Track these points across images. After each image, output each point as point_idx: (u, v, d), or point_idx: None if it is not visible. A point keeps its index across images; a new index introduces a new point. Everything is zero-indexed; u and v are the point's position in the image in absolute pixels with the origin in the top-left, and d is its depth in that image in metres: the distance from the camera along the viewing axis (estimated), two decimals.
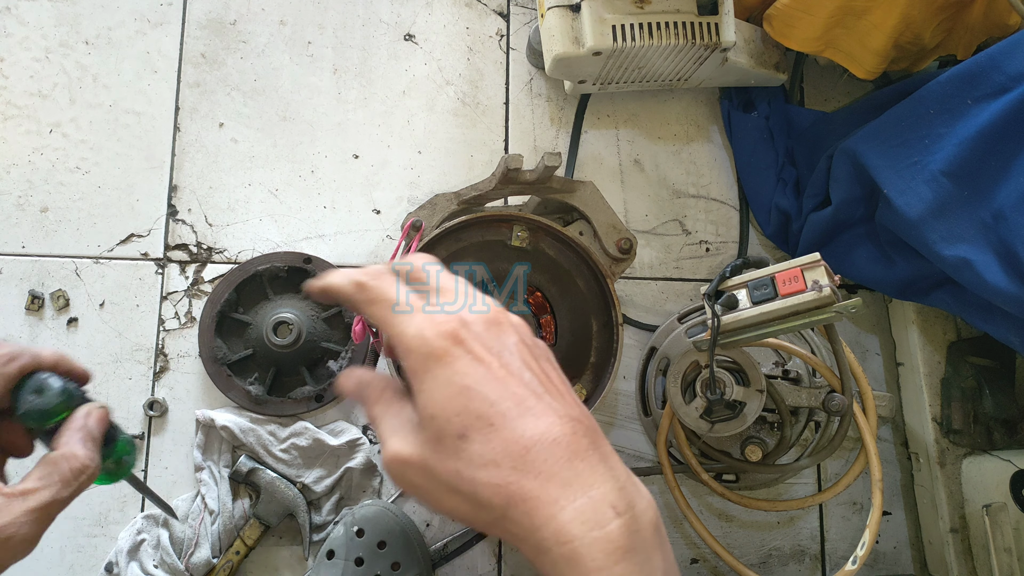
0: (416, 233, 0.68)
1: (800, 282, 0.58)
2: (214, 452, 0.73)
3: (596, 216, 0.70)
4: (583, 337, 0.71)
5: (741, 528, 0.80)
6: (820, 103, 0.89)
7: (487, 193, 0.69)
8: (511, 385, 0.32)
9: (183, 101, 0.81)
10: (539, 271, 0.72)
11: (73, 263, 0.76)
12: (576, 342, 0.72)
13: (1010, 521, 0.69)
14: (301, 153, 0.81)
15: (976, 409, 0.77)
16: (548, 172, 0.66)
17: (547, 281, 0.73)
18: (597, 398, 0.68)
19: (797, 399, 0.69)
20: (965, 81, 0.63)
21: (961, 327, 0.80)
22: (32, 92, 0.79)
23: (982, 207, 0.62)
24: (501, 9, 0.87)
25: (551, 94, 0.86)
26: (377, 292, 0.35)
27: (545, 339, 0.71)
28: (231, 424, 0.71)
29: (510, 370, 0.33)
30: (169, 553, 0.69)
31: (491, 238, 0.70)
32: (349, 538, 0.67)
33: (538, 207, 0.74)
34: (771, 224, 0.82)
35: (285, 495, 0.70)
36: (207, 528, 0.70)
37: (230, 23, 0.83)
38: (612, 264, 0.71)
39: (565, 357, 0.69)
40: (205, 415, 0.72)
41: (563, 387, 0.34)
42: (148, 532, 0.70)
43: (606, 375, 0.68)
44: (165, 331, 0.76)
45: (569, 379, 0.67)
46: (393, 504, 0.72)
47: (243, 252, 0.78)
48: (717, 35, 0.71)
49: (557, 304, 0.72)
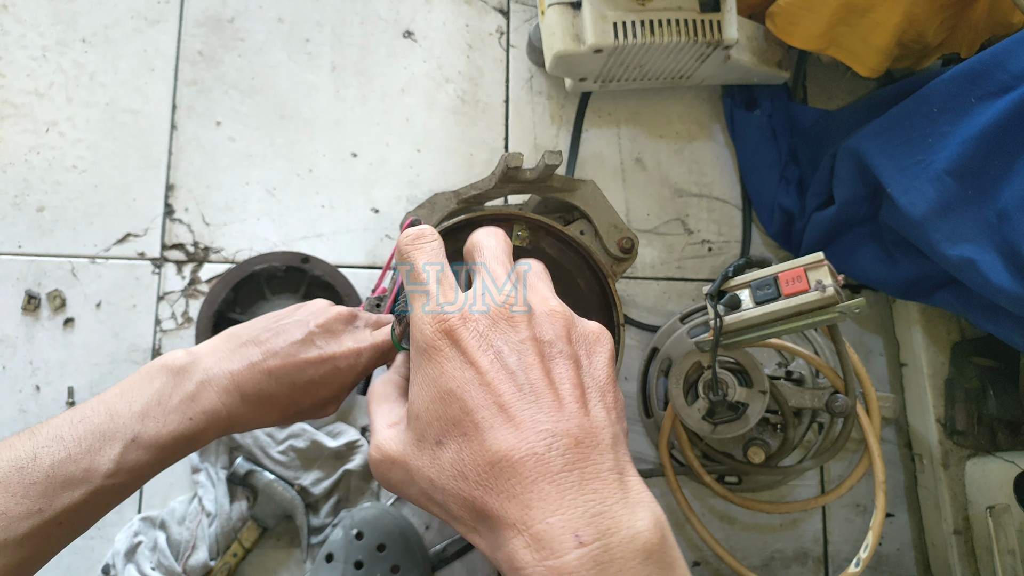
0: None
1: (803, 282, 0.57)
2: (211, 454, 0.72)
3: (597, 215, 0.70)
4: None
5: (743, 531, 0.79)
6: (823, 101, 0.89)
7: (487, 192, 0.68)
8: (498, 390, 0.30)
9: (180, 99, 0.80)
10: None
11: (70, 263, 0.76)
12: None
13: (1014, 523, 0.69)
14: (299, 152, 0.81)
15: (980, 410, 0.76)
16: (549, 171, 0.66)
17: None
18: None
19: (800, 400, 0.68)
20: (969, 79, 0.62)
21: (965, 327, 0.79)
22: (29, 90, 0.78)
23: (986, 206, 0.62)
24: (501, 6, 0.87)
25: (552, 92, 0.85)
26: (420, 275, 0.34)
27: None
28: None
29: (503, 373, 0.30)
30: (166, 555, 0.68)
31: None
32: (348, 541, 0.67)
33: (538, 206, 0.74)
34: (774, 223, 0.82)
35: (283, 497, 0.70)
36: (204, 530, 0.69)
37: (227, 21, 0.82)
38: (613, 264, 0.70)
39: None
40: None
41: (572, 392, 0.30)
42: (145, 534, 0.70)
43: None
44: (162, 331, 0.76)
45: None
46: (392, 507, 0.72)
47: (240, 252, 0.78)
48: (719, 33, 0.71)
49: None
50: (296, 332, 0.46)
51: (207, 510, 0.70)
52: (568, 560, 0.26)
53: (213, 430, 0.43)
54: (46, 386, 0.74)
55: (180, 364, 0.43)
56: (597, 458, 0.29)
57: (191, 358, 0.44)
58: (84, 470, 0.38)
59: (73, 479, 0.37)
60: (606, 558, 0.26)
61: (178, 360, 0.43)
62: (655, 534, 0.28)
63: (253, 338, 0.45)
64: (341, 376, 0.46)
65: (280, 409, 0.45)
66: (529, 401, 0.30)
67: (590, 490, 0.28)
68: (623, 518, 0.27)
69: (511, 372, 0.30)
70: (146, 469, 0.40)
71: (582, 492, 0.28)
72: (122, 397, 0.41)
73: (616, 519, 0.27)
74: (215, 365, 0.43)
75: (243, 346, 0.45)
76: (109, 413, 0.40)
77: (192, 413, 0.42)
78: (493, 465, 0.28)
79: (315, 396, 0.46)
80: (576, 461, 0.28)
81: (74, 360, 0.74)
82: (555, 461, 0.28)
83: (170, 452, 0.41)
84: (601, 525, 0.27)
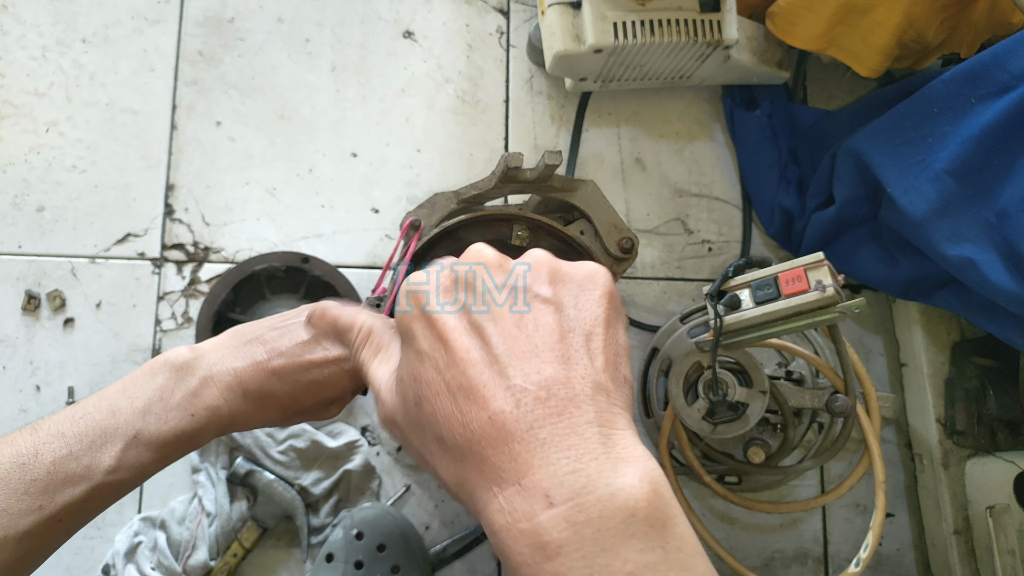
0: (415, 232, 0.67)
1: (803, 282, 0.57)
2: (211, 454, 0.72)
3: (597, 215, 0.70)
4: None
5: (743, 530, 0.79)
6: (823, 101, 0.89)
7: (487, 192, 0.68)
8: (460, 350, 0.28)
9: (180, 99, 0.80)
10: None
11: (70, 263, 0.76)
12: None
13: (1014, 523, 0.69)
14: (299, 152, 0.81)
15: (980, 410, 0.76)
16: (549, 171, 0.66)
17: None
18: None
19: (800, 400, 0.68)
20: (969, 80, 0.62)
21: (965, 327, 0.79)
22: (29, 90, 0.78)
23: (986, 206, 0.62)
24: (501, 6, 0.87)
25: (552, 92, 0.85)
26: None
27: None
28: None
29: (468, 329, 0.29)
30: (166, 555, 0.68)
31: (490, 237, 0.70)
32: (348, 541, 0.67)
33: (538, 206, 0.74)
34: (774, 223, 0.82)
35: (283, 497, 0.70)
36: (204, 530, 0.69)
37: (228, 21, 0.82)
38: (614, 264, 0.70)
39: None
40: None
41: (545, 340, 0.28)
42: (145, 534, 0.70)
43: None
44: (162, 331, 0.76)
45: None
46: (392, 506, 0.72)
47: (240, 252, 0.78)
48: (719, 33, 0.71)
49: None
50: (302, 332, 0.46)
51: (207, 510, 0.70)
52: (540, 522, 0.25)
53: (214, 427, 0.42)
54: (46, 386, 0.74)
55: (183, 360, 0.43)
56: (574, 411, 0.27)
57: (194, 354, 0.44)
58: (85, 467, 0.38)
59: (74, 476, 0.37)
60: (581, 518, 0.25)
61: (181, 356, 0.43)
62: (641, 491, 0.25)
63: (258, 336, 0.45)
64: (345, 378, 0.46)
65: (281, 408, 0.45)
66: (495, 357, 0.28)
67: (564, 447, 0.26)
68: (601, 475, 0.25)
69: (477, 326, 0.29)
70: (148, 466, 0.40)
71: (556, 449, 0.26)
72: (124, 393, 0.41)
73: (592, 477, 0.25)
74: (219, 362, 0.43)
75: (248, 344, 0.45)
76: (111, 409, 0.40)
77: (194, 409, 0.41)
78: (465, 427, 0.27)
79: (318, 396, 0.46)
80: (548, 416, 0.26)
81: (74, 360, 0.74)
82: (523, 419, 0.26)
83: (172, 449, 0.41)
84: (576, 484, 0.25)
